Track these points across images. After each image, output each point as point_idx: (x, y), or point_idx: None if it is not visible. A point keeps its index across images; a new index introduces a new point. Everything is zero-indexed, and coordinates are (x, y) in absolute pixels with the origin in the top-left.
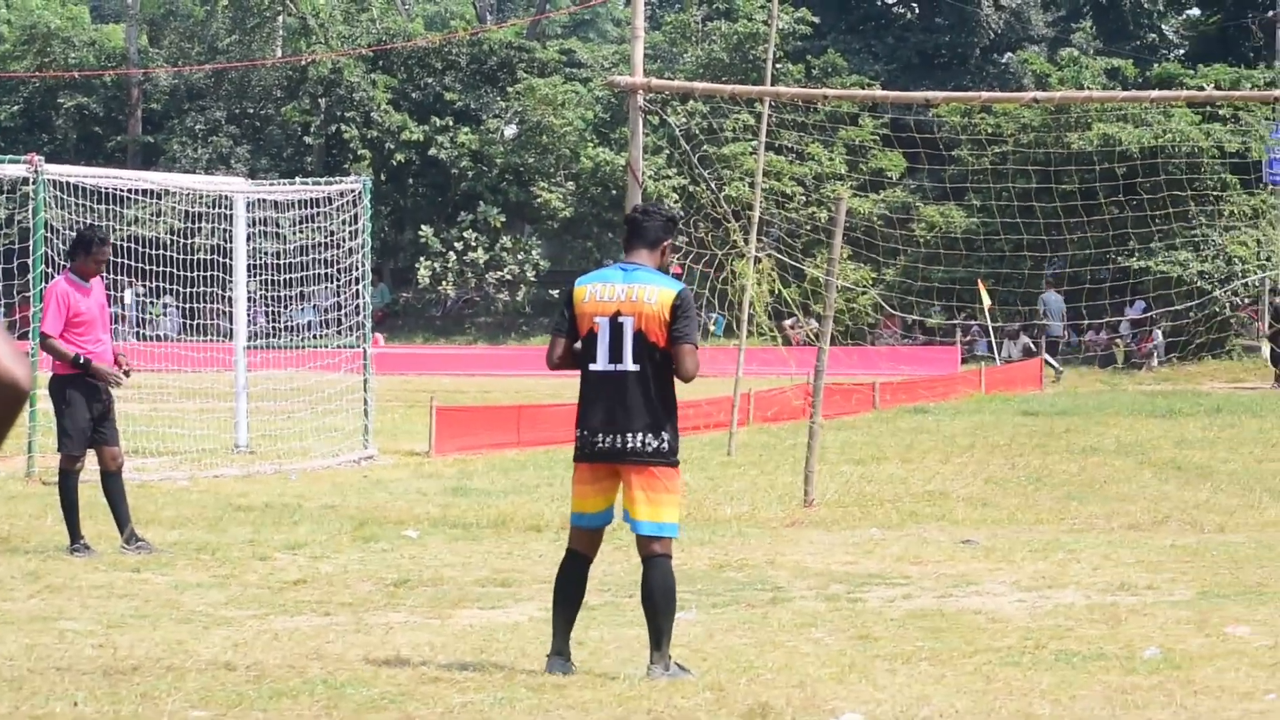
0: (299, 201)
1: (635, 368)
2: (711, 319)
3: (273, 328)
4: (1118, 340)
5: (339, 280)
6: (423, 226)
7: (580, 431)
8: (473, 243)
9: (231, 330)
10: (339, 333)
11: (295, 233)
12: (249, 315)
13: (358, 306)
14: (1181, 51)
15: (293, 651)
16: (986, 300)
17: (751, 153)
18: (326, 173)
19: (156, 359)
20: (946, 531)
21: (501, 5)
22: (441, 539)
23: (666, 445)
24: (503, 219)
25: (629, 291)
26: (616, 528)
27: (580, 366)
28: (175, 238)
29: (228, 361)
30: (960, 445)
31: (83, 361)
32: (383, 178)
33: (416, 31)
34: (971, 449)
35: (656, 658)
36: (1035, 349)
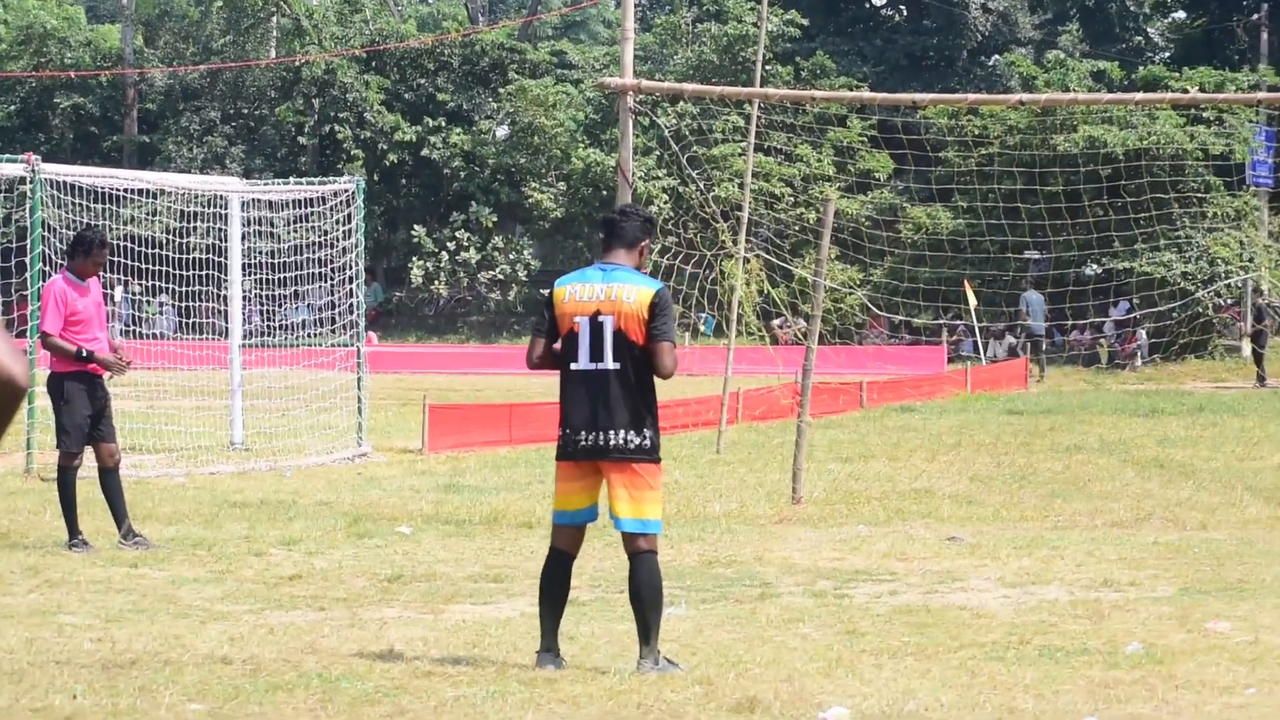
0: (293, 201)
1: (616, 366)
2: (701, 319)
3: (267, 326)
4: (1102, 340)
5: (333, 279)
6: (415, 226)
7: (563, 430)
8: (465, 242)
9: (227, 328)
10: (333, 331)
11: (289, 232)
12: (244, 314)
13: (351, 305)
14: (1166, 54)
15: (288, 646)
16: (973, 300)
17: (741, 154)
18: (320, 173)
19: (153, 357)
20: (932, 528)
21: (493, 7)
22: (434, 535)
23: (648, 442)
24: (494, 219)
25: (608, 291)
26: (607, 525)
27: (560, 366)
28: (171, 237)
29: (223, 359)
30: (946, 444)
31: (86, 354)
32: (376, 178)
33: (409, 33)
34: (957, 447)
35: (646, 652)
36: (1021, 349)
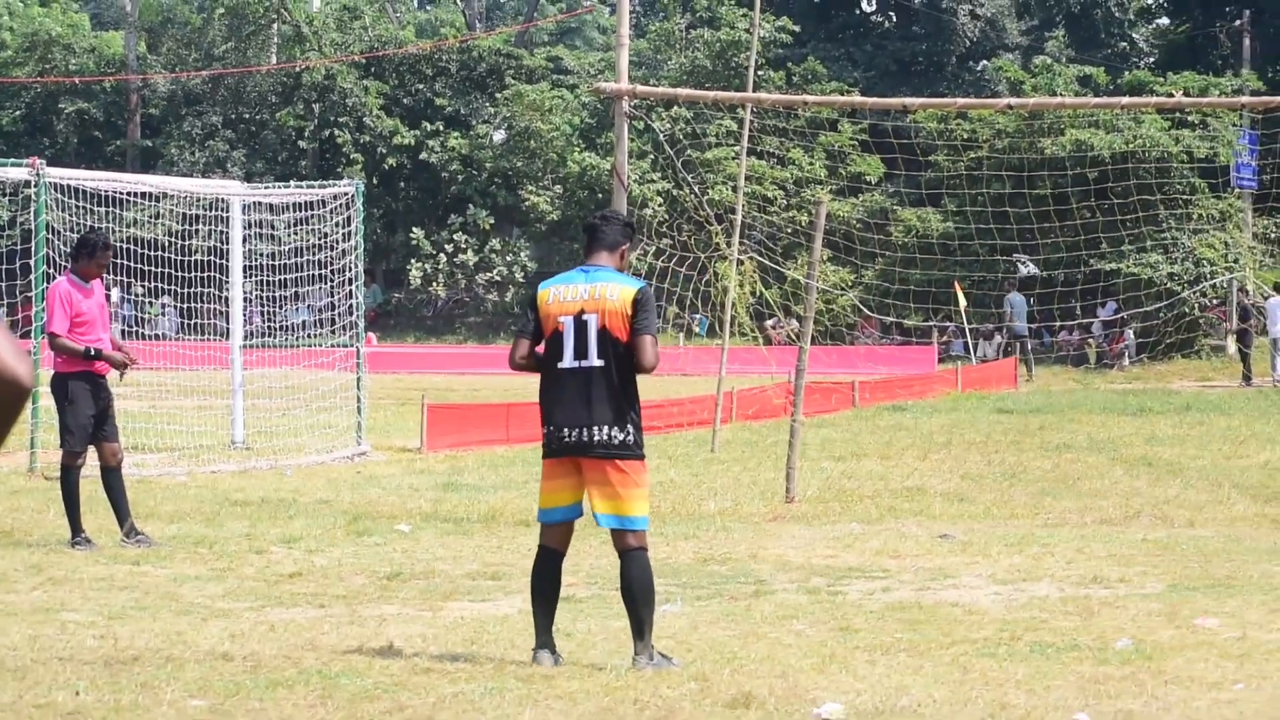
0: (293, 204)
1: (600, 363)
2: (695, 319)
3: (268, 327)
4: (1090, 340)
5: (333, 281)
6: (414, 229)
7: (547, 428)
8: (463, 245)
9: (228, 329)
10: (333, 332)
11: (290, 235)
12: (245, 315)
13: (351, 306)
14: (1152, 59)
15: (288, 642)
16: (963, 301)
17: (734, 157)
18: (320, 176)
19: (155, 357)
20: (924, 526)
21: (490, 13)
22: (433, 533)
23: (631, 438)
24: (492, 221)
25: (592, 290)
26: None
27: (544, 366)
28: (173, 239)
29: (224, 360)
30: (937, 442)
31: (94, 352)
32: (375, 181)
33: (408, 39)
34: (948, 446)
35: (640, 648)
36: (1010, 349)
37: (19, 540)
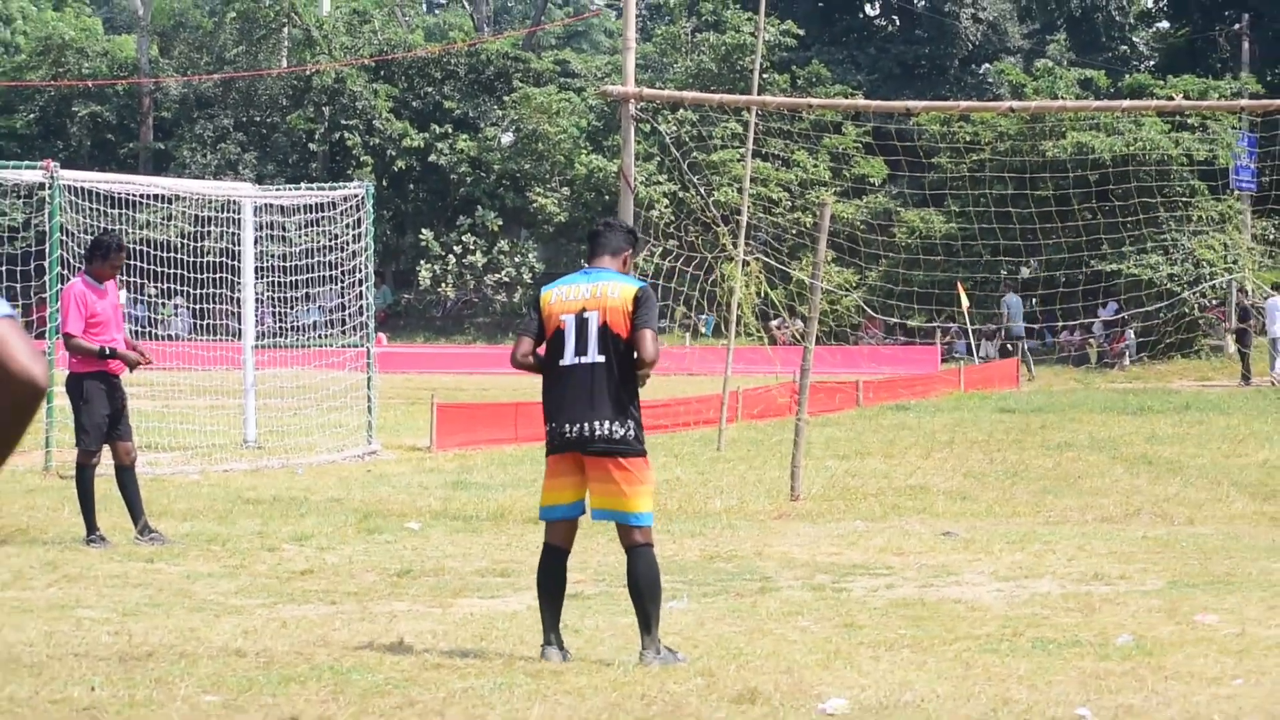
0: (304, 206)
1: (601, 359)
2: (701, 320)
3: (280, 328)
4: (1091, 340)
5: (343, 282)
6: (423, 230)
7: (549, 425)
8: (471, 246)
9: (240, 330)
10: (343, 332)
11: (301, 236)
12: (257, 316)
13: (361, 307)
14: (1152, 63)
15: (300, 639)
16: (965, 302)
17: (739, 160)
18: (330, 178)
19: (168, 358)
20: (927, 524)
21: (498, 17)
22: (443, 531)
23: (632, 433)
24: (500, 223)
25: (593, 289)
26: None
27: (545, 366)
28: (185, 241)
29: (237, 360)
30: (940, 441)
31: (109, 351)
32: (384, 183)
33: (416, 43)
34: (951, 445)
35: (648, 642)
36: (1011, 349)
37: (35, 538)
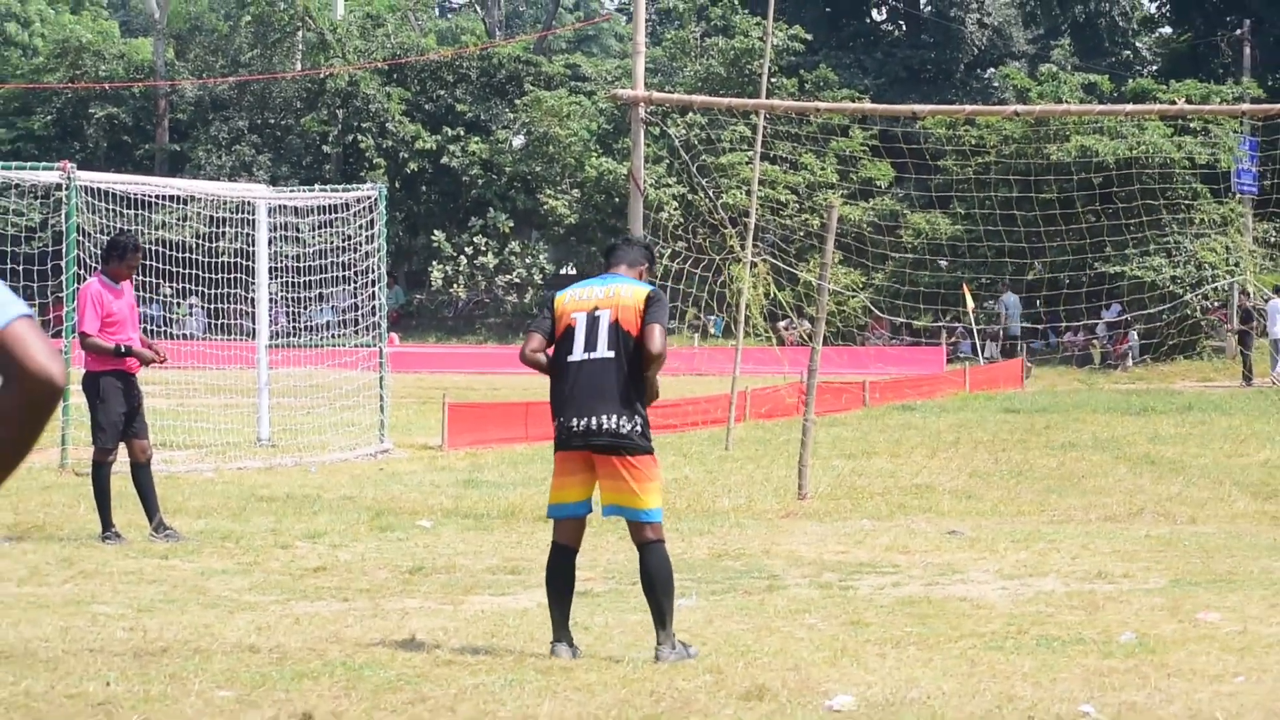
0: (318, 208)
1: (610, 354)
2: (710, 320)
3: (293, 327)
4: (1094, 341)
5: (356, 282)
6: (435, 232)
7: (557, 420)
8: (483, 247)
9: (254, 330)
10: (356, 332)
11: (314, 237)
12: (270, 315)
13: (374, 307)
14: (1154, 67)
15: (313, 635)
16: (970, 303)
17: (747, 162)
18: (344, 180)
19: (183, 357)
20: (933, 523)
21: (510, 21)
22: (454, 529)
23: (639, 430)
24: (511, 225)
25: (606, 291)
26: (621, 519)
27: (554, 363)
28: (200, 241)
29: (251, 359)
30: (946, 441)
31: (124, 349)
32: (397, 185)
33: (429, 46)
34: (956, 444)
35: (663, 637)
36: (1016, 349)
37: (51, 534)
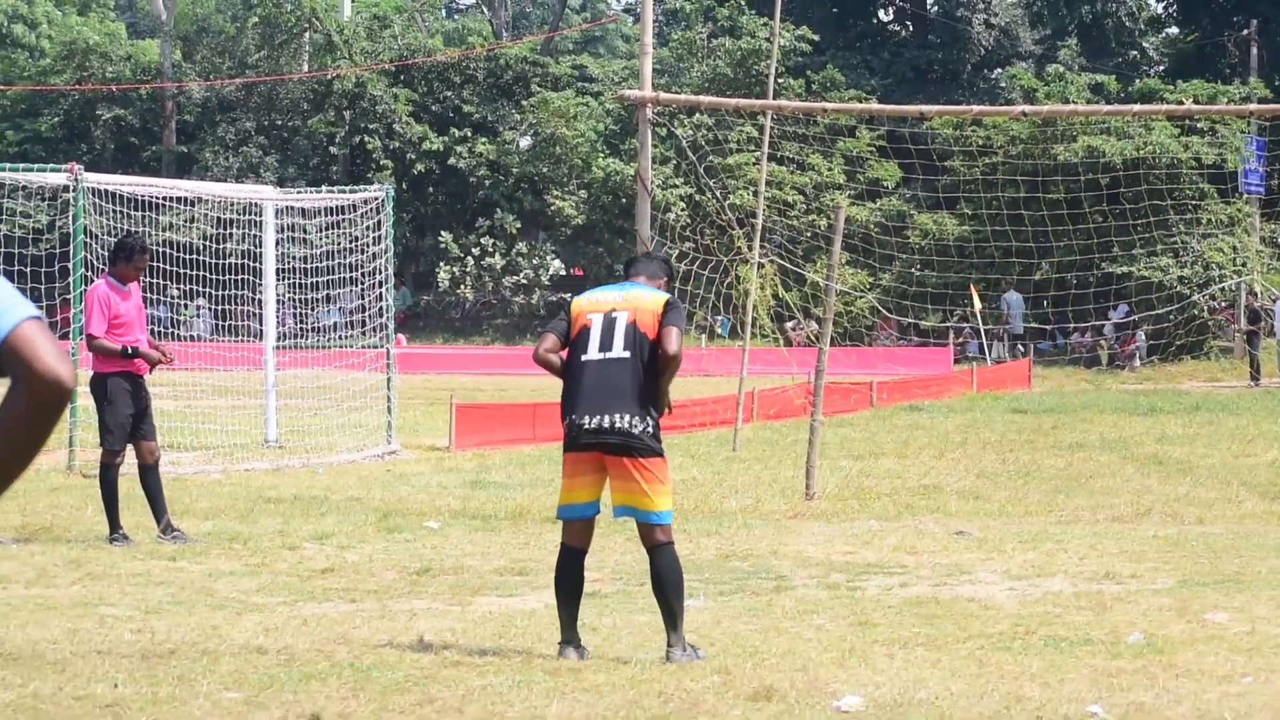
0: (325, 209)
1: (626, 354)
2: (718, 321)
3: (300, 329)
4: (1102, 342)
5: (363, 283)
6: (442, 233)
7: (567, 419)
8: (490, 248)
9: (261, 331)
10: (363, 334)
11: (322, 238)
12: (278, 317)
13: (381, 309)
14: (1161, 68)
15: (321, 636)
16: (978, 303)
17: (754, 163)
18: (351, 181)
19: (190, 358)
20: (941, 523)
21: (517, 23)
22: (461, 530)
23: (650, 431)
24: (518, 225)
25: (625, 295)
26: (628, 520)
27: (567, 363)
28: (208, 243)
29: (258, 361)
30: (953, 441)
31: (131, 351)
32: (404, 186)
33: (436, 48)
34: (964, 445)
35: (674, 639)
36: (1024, 350)
37: (58, 536)
